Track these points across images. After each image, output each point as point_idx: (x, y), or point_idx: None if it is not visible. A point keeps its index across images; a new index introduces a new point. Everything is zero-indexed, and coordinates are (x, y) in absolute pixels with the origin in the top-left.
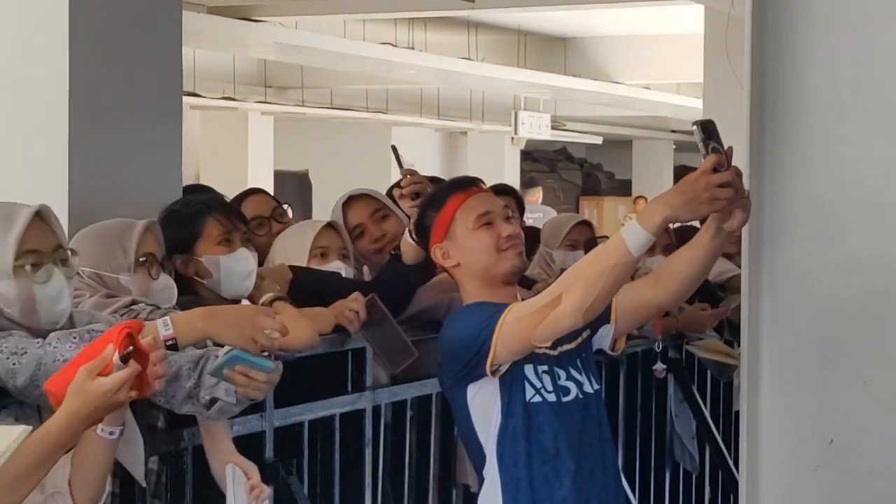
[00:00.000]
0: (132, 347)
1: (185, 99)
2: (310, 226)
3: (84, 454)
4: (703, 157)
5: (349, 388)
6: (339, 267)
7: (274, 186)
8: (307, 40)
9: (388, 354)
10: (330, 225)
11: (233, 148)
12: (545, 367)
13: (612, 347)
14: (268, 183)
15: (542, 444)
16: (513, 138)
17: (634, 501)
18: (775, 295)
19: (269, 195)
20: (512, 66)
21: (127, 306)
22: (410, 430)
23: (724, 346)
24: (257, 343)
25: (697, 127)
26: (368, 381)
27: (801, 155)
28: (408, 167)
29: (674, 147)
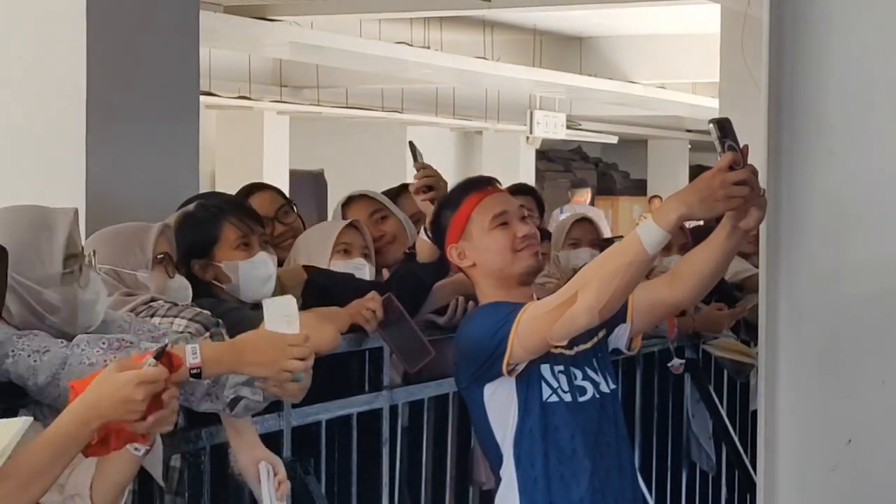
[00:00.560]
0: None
1: (200, 98)
2: (333, 224)
3: (109, 462)
4: (719, 155)
5: (366, 387)
6: (361, 264)
7: (289, 186)
8: (323, 40)
9: (405, 353)
10: (352, 224)
11: (248, 147)
12: (561, 367)
13: (629, 347)
14: (283, 182)
15: (558, 444)
16: (528, 138)
17: (651, 501)
18: (793, 294)
19: (276, 191)
20: (527, 66)
21: (146, 303)
22: (427, 430)
23: (740, 345)
24: (288, 371)
25: (714, 125)
26: (386, 381)
27: (819, 154)
28: (421, 163)
29: (689, 147)
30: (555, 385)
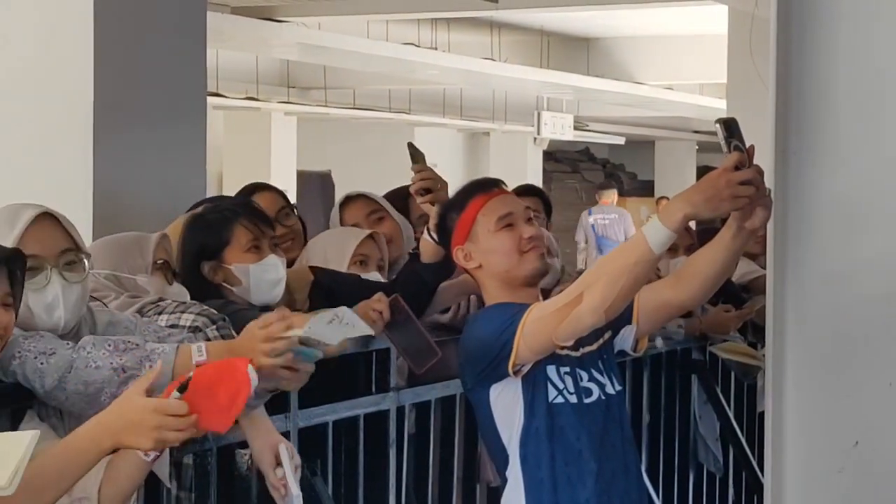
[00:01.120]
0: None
1: (208, 99)
2: (353, 233)
3: (118, 467)
4: (726, 154)
5: (373, 388)
6: (377, 277)
7: (297, 187)
8: (330, 41)
9: (412, 354)
10: (370, 236)
11: (256, 148)
12: (567, 369)
13: (634, 348)
14: (290, 183)
15: (564, 446)
16: (535, 139)
17: (658, 502)
18: (800, 296)
19: (277, 192)
20: (535, 67)
21: (154, 302)
22: (434, 431)
23: (747, 347)
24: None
25: (720, 125)
26: (392, 382)
27: (827, 155)
28: (419, 165)
29: (696, 148)
30: (561, 386)
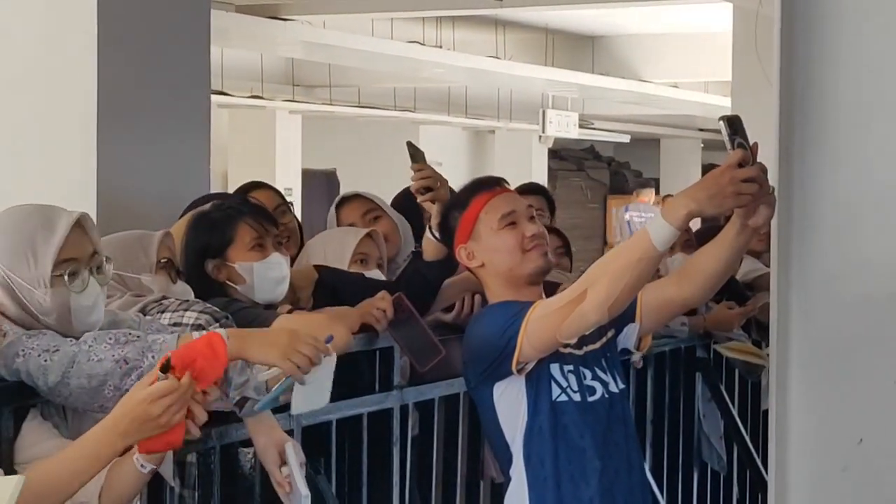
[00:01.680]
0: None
1: (213, 98)
2: (353, 233)
3: (116, 475)
4: (729, 152)
5: (377, 387)
6: (377, 276)
7: (302, 185)
8: (335, 39)
9: (416, 353)
10: (369, 234)
11: (261, 146)
12: (570, 367)
13: (638, 346)
14: (295, 181)
15: (568, 444)
16: (540, 137)
17: (662, 501)
18: (804, 294)
19: (273, 190)
20: (540, 65)
21: (157, 301)
22: (438, 430)
23: (751, 346)
24: (294, 363)
25: (724, 122)
26: (396, 381)
27: (831, 154)
28: (418, 164)
29: (702, 146)
30: (564, 384)
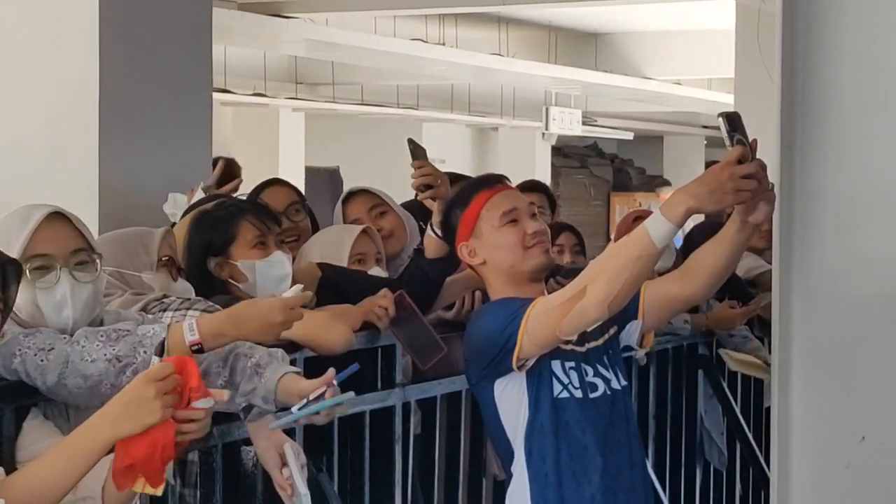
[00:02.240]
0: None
1: (216, 95)
2: (347, 231)
3: None
4: (728, 148)
5: (379, 385)
6: (377, 272)
7: (305, 183)
8: (338, 37)
9: (417, 351)
10: (364, 231)
11: (264, 144)
12: (572, 364)
13: (640, 343)
14: (299, 179)
15: (570, 440)
16: (543, 134)
17: (665, 498)
18: (806, 291)
19: (291, 188)
20: (543, 62)
21: (158, 299)
22: (440, 427)
23: (756, 360)
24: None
25: (723, 119)
26: (398, 378)
27: (833, 151)
28: (419, 161)
29: (705, 143)
30: (566, 381)
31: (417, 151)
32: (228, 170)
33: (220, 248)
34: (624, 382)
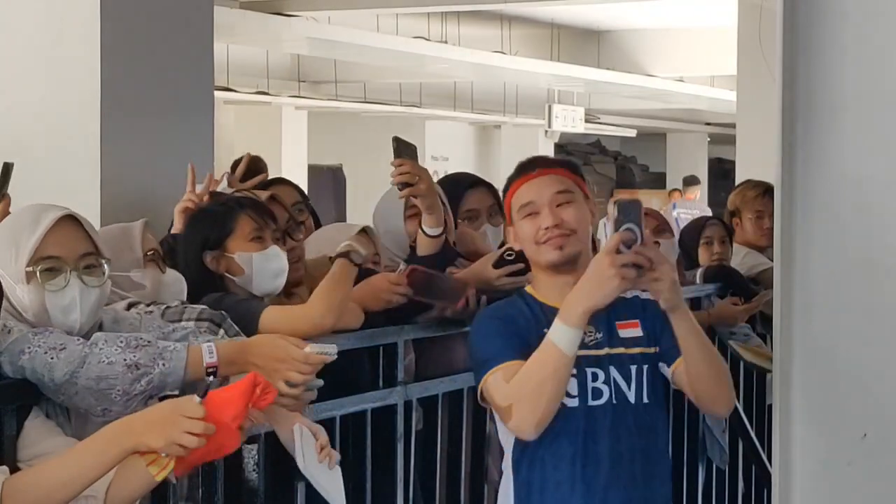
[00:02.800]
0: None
1: (218, 94)
2: (345, 230)
3: (126, 475)
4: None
5: (380, 383)
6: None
7: (308, 181)
8: (340, 35)
9: (447, 297)
10: (363, 230)
11: (267, 142)
12: (574, 370)
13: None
14: (301, 177)
15: (556, 450)
16: (546, 132)
17: None
18: (807, 288)
19: (294, 187)
20: (545, 60)
21: (146, 305)
22: (442, 426)
23: (770, 353)
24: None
25: (616, 206)
26: (400, 377)
27: (834, 148)
28: (398, 160)
29: (708, 140)
30: None
31: (399, 149)
32: (254, 166)
33: (217, 241)
34: (646, 400)
